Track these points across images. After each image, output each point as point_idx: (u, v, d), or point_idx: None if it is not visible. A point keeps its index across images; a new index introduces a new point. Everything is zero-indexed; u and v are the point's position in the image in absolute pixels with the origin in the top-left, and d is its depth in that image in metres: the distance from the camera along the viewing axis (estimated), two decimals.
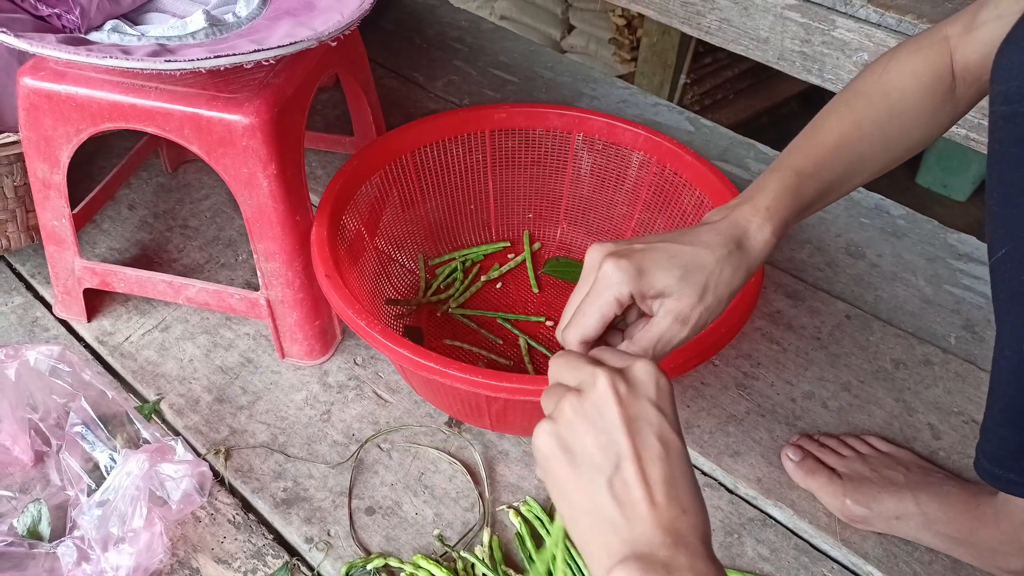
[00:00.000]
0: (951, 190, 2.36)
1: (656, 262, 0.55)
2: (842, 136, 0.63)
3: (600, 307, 0.55)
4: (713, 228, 0.58)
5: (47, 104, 0.84)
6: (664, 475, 0.43)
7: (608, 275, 0.54)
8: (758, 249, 0.58)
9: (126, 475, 0.73)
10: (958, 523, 0.75)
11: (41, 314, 1.00)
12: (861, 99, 0.65)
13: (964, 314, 1.04)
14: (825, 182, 0.62)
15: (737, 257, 0.57)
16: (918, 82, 0.64)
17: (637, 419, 0.45)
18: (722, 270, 0.56)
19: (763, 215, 0.59)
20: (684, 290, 0.55)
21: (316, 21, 0.84)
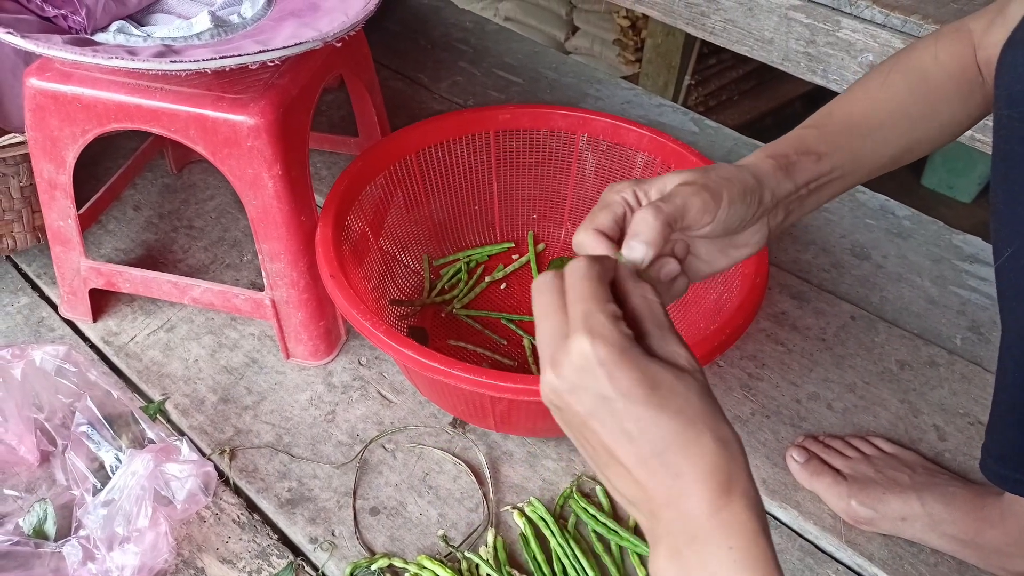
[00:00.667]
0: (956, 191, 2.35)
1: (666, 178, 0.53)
2: (856, 105, 0.62)
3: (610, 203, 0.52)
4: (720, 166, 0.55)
5: (53, 105, 0.84)
6: (639, 455, 0.41)
7: (614, 186, 0.53)
8: (758, 167, 0.55)
9: (131, 475, 0.73)
10: (964, 524, 0.75)
11: (47, 314, 1.00)
12: (878, 77, 0.64)
13: (970, 315, 1.04)
14: (836, 136, 0.60)
15: (742, 169, 0.54)
16: (942, 68, 0.63)
17: (592, 415, 0.42)
18: (727, 170, 0.53)
19: (759, 151, 0.57)
20: (685, 174, 0.52)
21: (321, 22, 0.84)
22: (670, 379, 0.41)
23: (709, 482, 0.40)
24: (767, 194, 0.56)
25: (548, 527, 0.79)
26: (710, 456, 0.41)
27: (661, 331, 0.43)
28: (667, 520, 0.41)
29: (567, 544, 0.78)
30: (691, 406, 0.41)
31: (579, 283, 0.43)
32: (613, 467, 0.43)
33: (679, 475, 0.41)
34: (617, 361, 0.41)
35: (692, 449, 0.41)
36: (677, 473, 0.41)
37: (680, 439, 0.41)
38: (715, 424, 0.41)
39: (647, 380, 0.41)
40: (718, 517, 0.40)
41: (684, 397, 0.41)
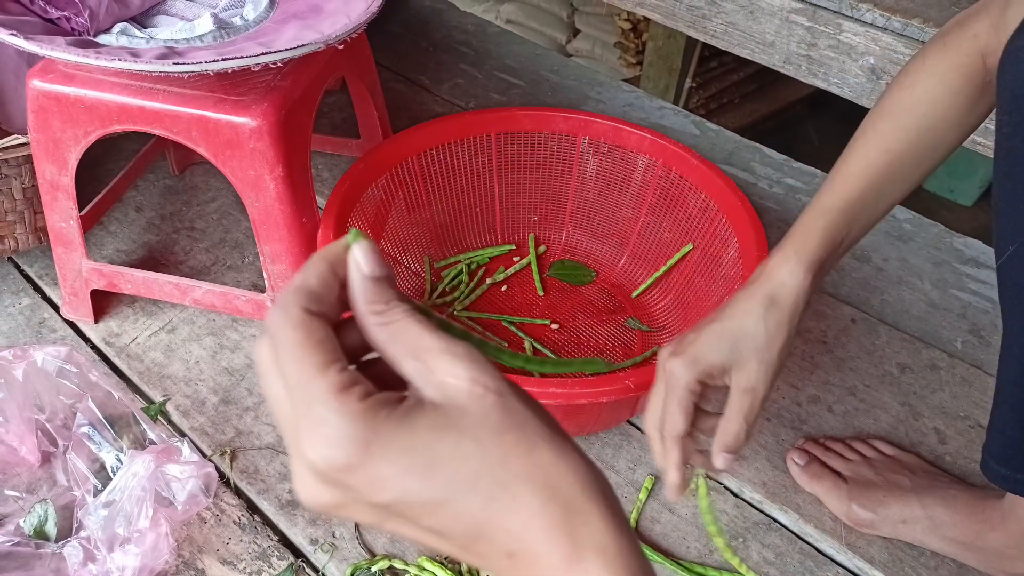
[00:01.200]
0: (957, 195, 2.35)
1: (707, 346, 0.61)
2: (870, 163, 0.64)
3: (679, 402, 0.61)
4: (748, 293, 0.62)
5: (56, 106, 0.84)
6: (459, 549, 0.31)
7: (673, 373, 0.61)
8: (793, 295, 0.61)
9: (132, 476, 0.73)
10: (964, 527, 0.75)
11: (48, 315, 1.01)
12: (888, 121, 0.65)
13: (970, 318, 1.04)
14: (855, 211, 0.64)
15: (775, 312, 0.61)
16: (947, 89, 0.64)
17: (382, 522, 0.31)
18: (766, 329, 0.60)
19: (792, 260, 0.62)
20: (741, 361, 0.60)
21: (323, 24, 0.85)
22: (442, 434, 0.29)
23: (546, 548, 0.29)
24: (798, 314, 0.62)
25: None
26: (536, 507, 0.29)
27: (423, 360, 0.31)
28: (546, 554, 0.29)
29: None
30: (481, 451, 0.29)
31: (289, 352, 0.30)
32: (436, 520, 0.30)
33: (512, 554, 0.30)
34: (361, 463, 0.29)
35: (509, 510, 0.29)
36: (509, 552, 0.30)
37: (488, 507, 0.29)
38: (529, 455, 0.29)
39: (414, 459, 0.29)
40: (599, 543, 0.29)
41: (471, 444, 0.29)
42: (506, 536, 0.29)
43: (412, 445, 0.29)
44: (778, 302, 0.61)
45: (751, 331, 0.60)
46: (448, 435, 0.29)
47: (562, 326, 1.00)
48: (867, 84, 1.01)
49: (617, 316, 1.01)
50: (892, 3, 0.97)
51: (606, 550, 0.29)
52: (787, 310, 0.61)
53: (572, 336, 0.99)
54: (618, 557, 0.29)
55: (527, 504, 0.29)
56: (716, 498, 0.84)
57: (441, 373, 0.30)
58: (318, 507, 0.30)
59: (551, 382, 0.72)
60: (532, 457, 0.29)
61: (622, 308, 1.02)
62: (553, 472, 0.29)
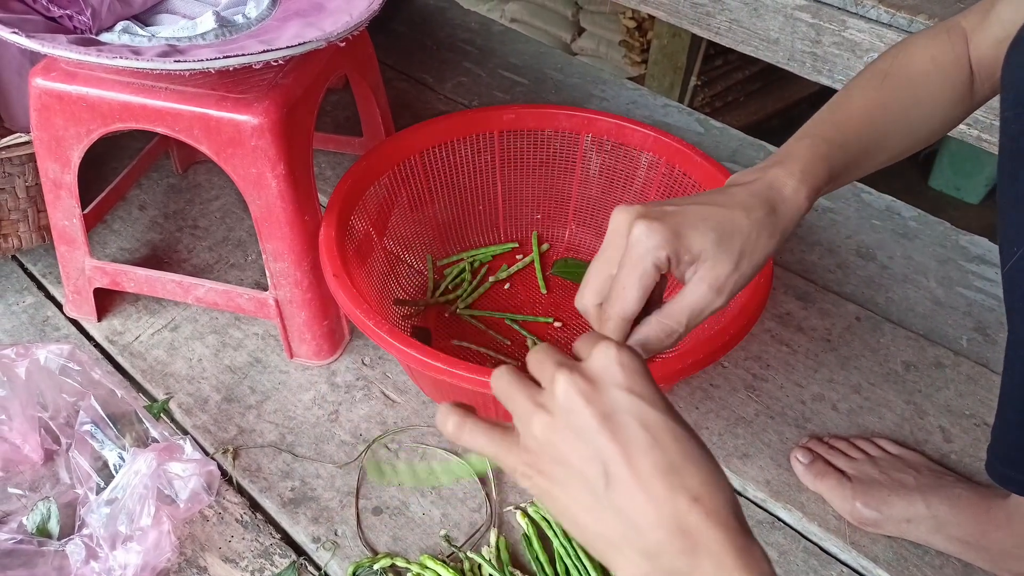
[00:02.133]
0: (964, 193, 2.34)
1: (691, 224, 0.51)
2: (869, 112, 0.62)
3: (640, 277, 0.50)
4: (747, 189, 0.54)
5: (58, 104, 0.84)
6: (659, 465, 0.38)
7: (642, 240, 0.50)
8: (792, 213, 0.54)
9: (134, 473, 0.73)
10: (969, 526, 0.75)
11: (52, 313, 1.01)
12: (887, 80, 0.63)
13: (976, 316, 1.03)
14: (852, 154, 0.59)
15: (772, 221, 0.53)
16: (939, 69, 0.63)
17: (611, 414, 0.39)
18: (758, 234, 0.52)
19: (798, 178, 0.55)
20: (720, 256, 0.51)
21: (325, 22, 0.84)
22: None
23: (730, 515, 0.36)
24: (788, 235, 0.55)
25: (551, 527, 0.79)
26: (729, 489, 0.37)
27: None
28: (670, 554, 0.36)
29: (570, 545, 0.77)
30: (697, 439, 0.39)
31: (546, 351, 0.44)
32: (615, 487, 0.38)
33: (697, 499, 0.36)
34: (638, 368, 0.41)
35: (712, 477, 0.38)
36: (696, 496, 0.36)
37: (701, 462, 0.38)
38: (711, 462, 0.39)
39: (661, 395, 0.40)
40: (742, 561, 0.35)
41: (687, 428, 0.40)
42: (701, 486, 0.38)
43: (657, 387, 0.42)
44: (778, 214, 0.53)
45: (743, 230, 0.51)
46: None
47: (565, 324, 1.00)
48: None
49: None
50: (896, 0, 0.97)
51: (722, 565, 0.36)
52: (783, 224, 0.53)
53: (575, 334, 0.99)
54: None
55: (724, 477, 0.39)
56: None
57: None
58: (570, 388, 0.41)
59: None
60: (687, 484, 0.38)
61: None
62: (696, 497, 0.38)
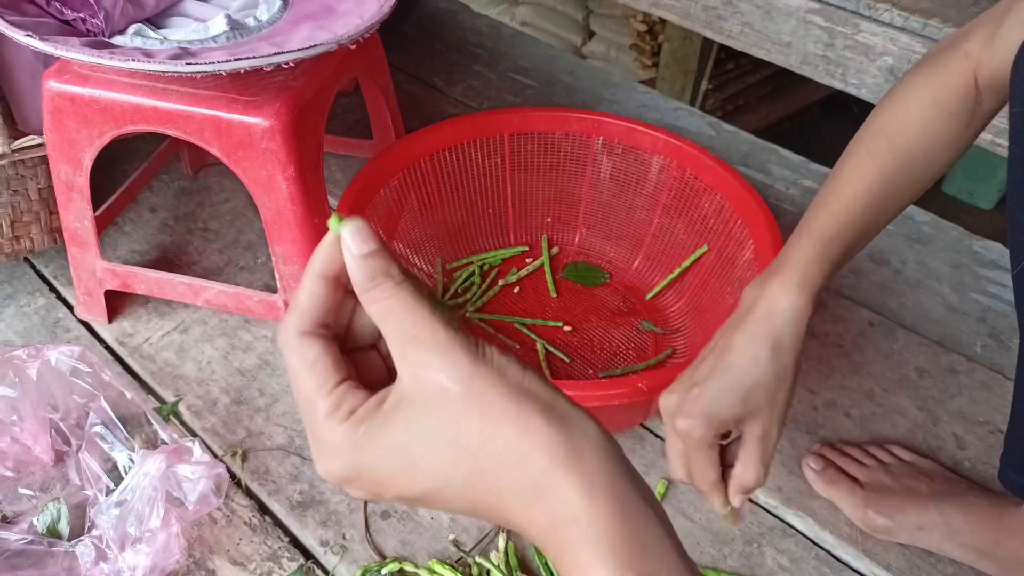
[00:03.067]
0: (977, 198, 2.33)
1: (717, 403, 0.60)
2: (866, 189, 0.63)
3: (704, 459, 0.62)
4: (750, 334, 0.60)
5: (71, 107, 0.85)
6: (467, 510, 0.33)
7: (690, 435, 0.61)
8: (798, 333, 0.60)
9: (144, 475, 0.73)
10: (983, 534, 0.74)
11: (63, 315, 1.01)
12: (881, 141, 0.64)
13: (990, 322, 1.02)
14: (853, 238, 0.63)
15: (781, 355, 0.60)
16: (939, 110, 0.63)
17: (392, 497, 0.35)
18: (775, 376, 0.60)
19: (794, 292, 0.60)
20: (752, 412, 0.60)
21: (336, 25, 0.84)
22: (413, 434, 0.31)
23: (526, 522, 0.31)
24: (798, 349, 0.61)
25: None
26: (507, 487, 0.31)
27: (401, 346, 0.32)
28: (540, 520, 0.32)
29: None
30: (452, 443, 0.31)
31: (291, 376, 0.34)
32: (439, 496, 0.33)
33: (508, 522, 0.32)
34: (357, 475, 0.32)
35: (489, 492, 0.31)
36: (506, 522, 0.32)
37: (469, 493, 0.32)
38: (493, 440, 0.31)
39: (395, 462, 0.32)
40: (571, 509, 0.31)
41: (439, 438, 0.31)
42: (496, 512, 0.32)
43: (392, 450, 0.32)
44: (783, 343, 0.60)
45: (761, 381, 0.59)
46: (418, 433, 0.31)
47: (575, 328, 0.99)
48: (885, 85, 1.00)
49: (631, 318, 1.00)
50: (910, 3, 0.96)
51: (578, 519, 0.30)
52: (792, 351, 0.60)
53: (585, 339, 0.98)
54: (592, 524, 0.30)
55: (500, 485, 0.31)
56: None
57: (412, 363, 0.32)
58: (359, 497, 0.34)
59: (563, 385, 0.72)
60: (496, 442, 0.31)
61: (636, 310, 1.02)
62: (517, 452, 0.31)
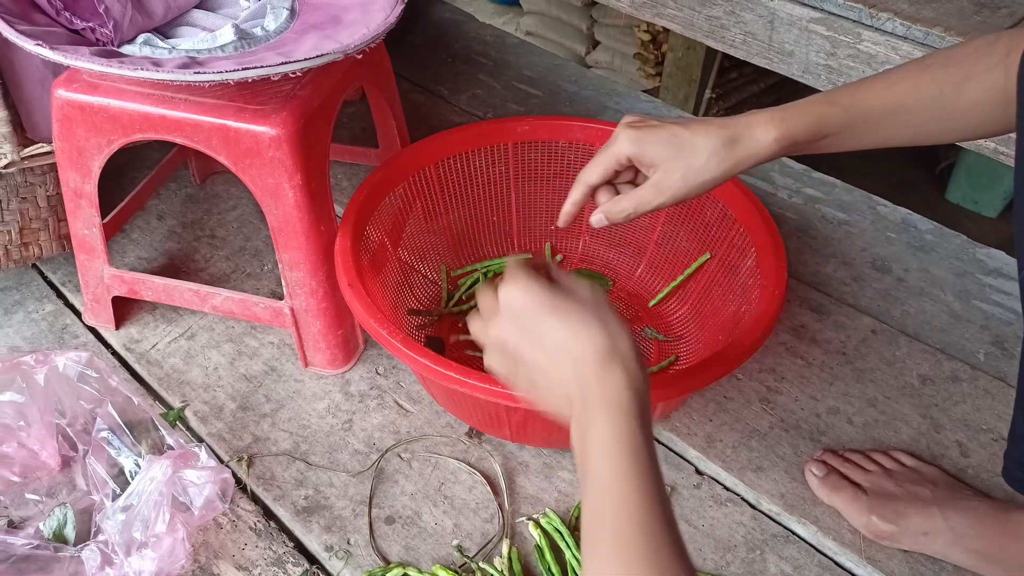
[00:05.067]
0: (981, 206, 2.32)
1: (658, 138, 0.65)
2: (895, 89, 0.64)
3: (604, 159, 0.68)
4: (719, 121, 0.65)
5: (80, 115, 0.86)
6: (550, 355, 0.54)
7: (618, 137, 0.67)
8: (753, 148, 0.63)
9: (150, 481, 0.74)
10: (987, 539, 0.74)
11: (71, 321, 1.02)
12: (931, 66, 0.64)
13: (993, 330, 1.02)
14: (857, 117, 0.64)
15: (728, 151, 0.63)
16: (987, 69, 0.61)
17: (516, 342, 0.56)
18: (708, 157, 0.64)
19: (773, 123, 0.63)
20: (670, 166, 0.64)
21: (342, 34, 0.85)
22: (565, 296, 0.54)
23: (593, 355, 0.51)
24: (744, 165, 0.64)
25: (563, 539, 0.79)
26: (595, 337, 0.52)
27: (568, 280, 0.57)
28: (577, 400, 0.51)
29: None
30: (581, 313, 0.53)
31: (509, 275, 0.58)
32: (540, 377, 0.54)
33: (576, 360, 0.52)
34: (522, 292, 0.55)
35: (581, 336, 0.52)
36: (575, 358, 0.52)
37: (574, 333, 0.52)
38: (601, 318, 0.53)
39: (546, 300, 0.54)
40: (602, 388, 0.50)
41: (577, 308, 0.53)
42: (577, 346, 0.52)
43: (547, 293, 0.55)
44: (737, 146, 0.63)
45: (697, 151, 0.63)
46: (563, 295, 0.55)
47: None
48: None
49: (634, 325, 1.01)
50: (912, 12, 0.97)
51: (628, 369, 0.51)
52: (738, 157, 0.63)
53: None
54: (635, 383, 0.51)
55: (592, 329, 0.52)
56: (733, 509, 0.83)
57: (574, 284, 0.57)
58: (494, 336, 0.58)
59: None
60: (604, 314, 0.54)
61: (639, 317, 1.02)
62: (573, 348, 0.52)
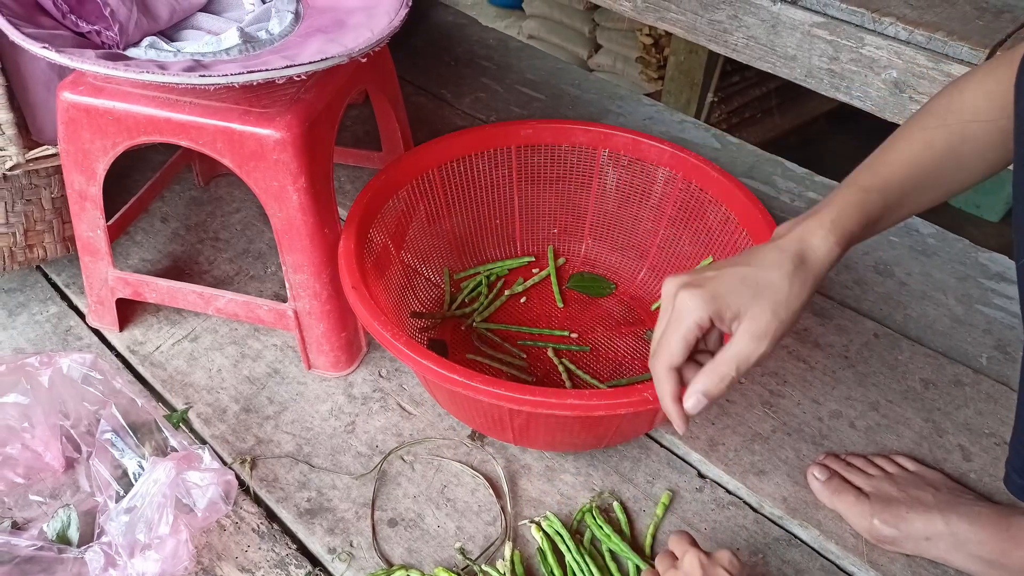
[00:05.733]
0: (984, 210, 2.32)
1: (728, 286, 0.59)
2: (912, 154, 0.64)
3: (683, 334, 0.60)
4: (777, 247, 0.61)
5: (85, 118, 0.86)
6: None
7: (685, 303, 0.60)
8: (822, 260, 0.61)
9: (153, 482, 0.74)
10: (989, 544, 0.74)
11: (75, 323, 1.02)
12: (933, 119, 0.65)
13: (996, 334, 1.02)
14: (892, 197, 0.63)
15: (803, 272, 0.60)
16: (991, 102, 0.63)
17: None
18: (790, 285, 0.59)
19: (827, 227, 0.61)
20: (757, 309, 0.59)
21: (347, 38, 0.86)
22: None
23: None
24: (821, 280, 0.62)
25: (564, 542, 0.79)
26: None
27: None
28: None
29: (583, 560, 0.77)
30: None
31: None
32: None
33: None
34: None
35: None
36: None
37: None
38: None
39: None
40: None
41: None
42: None
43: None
44: (807, 263, 0.60)
45: (776, 283, 0.59)
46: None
47: (581, 337, 1.00)
48: (890, 97, 1.01)
49: (636, 328, 1.01)
50: (915, 16, 0.97)
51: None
52: (814, 273, 0.60)
53: (591, 348, 0.99)
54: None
55: None
56: (735, 513, 0.84)
57: None
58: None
59: (569, 393, 0.72)
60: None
61: (641, 320, 1.02)
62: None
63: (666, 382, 0.61)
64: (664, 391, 0.62)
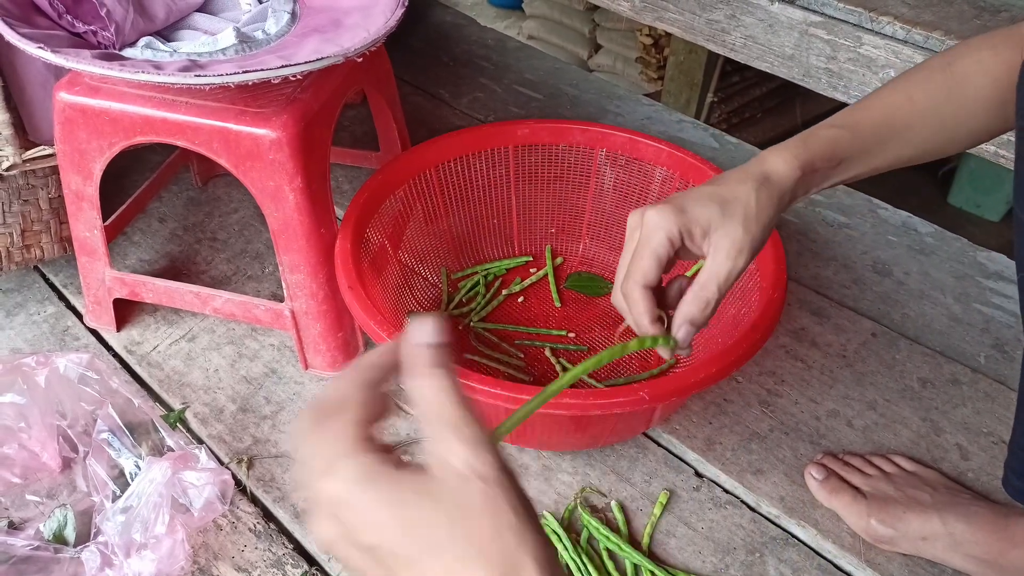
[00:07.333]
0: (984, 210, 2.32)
1: (695, 201, 0.58)
2: (891, 103, 0.64)
3: (653, 248, 0.57)
4: (740, 169, 0.61)
5: (82, 118, 0.86)
6: None
7: (653, 220, 0.57)
8: (784, 176, 0.60)
9: (150, 482, 0.74)
10: (987, 544, 0.74)
11: (72, 323, 1.02)
12: (921, 74, 0.65)
13: (994, 333, 1.02)
14: (865, 140, 0.63)
15: (768, 187, 0.59)
16: (983, 71, 0.63)
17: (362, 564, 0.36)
18: (757, 199, 0.58)
19: (791, 151, 0.61)
20: (727, 222, 0.57)
21: (343, 38, 0.86)
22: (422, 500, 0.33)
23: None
24: (786, 200, 0.60)
25: (560, 541, 0.79)
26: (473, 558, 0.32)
27: (436, 428, 0.35)
28: None
29: (580, 559, 0.77)
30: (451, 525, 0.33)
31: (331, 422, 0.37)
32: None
33: None
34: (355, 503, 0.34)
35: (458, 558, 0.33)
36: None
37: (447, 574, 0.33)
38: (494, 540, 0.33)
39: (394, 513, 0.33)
40: None
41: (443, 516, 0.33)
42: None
43: (398, 501, 0.33)
44: (771, 181, 0.60)
45: (742, 197, 0.58)
46: (426, 502, 0.33)
47: (578, 337, 1.00)
48: None
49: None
50: (912, 16, 0.97)
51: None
52: (779, 189, 0.59)
53: (589, 347, 0.99)
54: None
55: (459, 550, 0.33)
56: (732, 512, 0.83)
57: (443, 448, 0.34)
58: (322, 540, 0.35)
59: (564, 393, 0.72)
60: (496, 543, 0.33)
61: None
62: (512, 556, 0.32)
63: (641, 301, 0.57)
64: (640, 310, 0.58)
